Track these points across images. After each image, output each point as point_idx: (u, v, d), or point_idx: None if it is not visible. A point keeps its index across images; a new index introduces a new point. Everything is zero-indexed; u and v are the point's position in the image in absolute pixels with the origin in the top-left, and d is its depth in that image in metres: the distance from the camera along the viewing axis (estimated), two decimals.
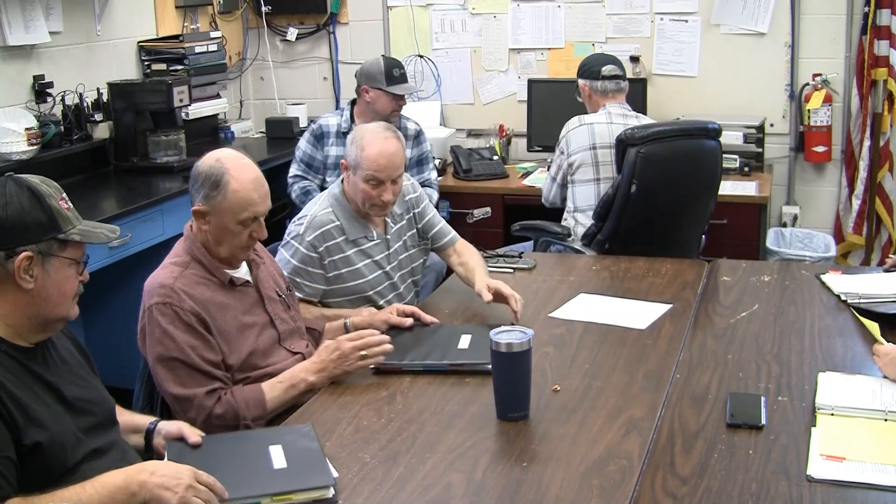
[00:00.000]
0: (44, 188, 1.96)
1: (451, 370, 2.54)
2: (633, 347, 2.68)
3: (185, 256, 2.53)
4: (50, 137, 4.23)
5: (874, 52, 4.72)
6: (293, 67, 5.85)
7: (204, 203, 2.49)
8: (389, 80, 4.29)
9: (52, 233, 1.94)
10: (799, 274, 3.27)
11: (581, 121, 4.01)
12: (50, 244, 1.93)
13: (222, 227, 2.50)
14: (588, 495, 1.93)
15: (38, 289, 1.92)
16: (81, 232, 1.98)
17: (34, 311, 1.94)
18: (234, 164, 2.51)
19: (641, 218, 3.74)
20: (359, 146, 2.99)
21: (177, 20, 5.28)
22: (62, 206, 1.97)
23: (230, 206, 2.48)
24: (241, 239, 2.52)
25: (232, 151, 2.58)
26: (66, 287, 1.98)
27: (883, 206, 4.85)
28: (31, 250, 1.90)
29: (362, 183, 2.98)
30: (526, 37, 5.37)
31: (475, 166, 5.03)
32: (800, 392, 2.34)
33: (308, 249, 3.00)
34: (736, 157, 4.80)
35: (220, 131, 5.45)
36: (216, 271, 2.53)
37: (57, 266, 1.95)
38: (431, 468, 2.06)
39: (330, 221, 3.03)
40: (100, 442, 2.01)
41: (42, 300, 1.94)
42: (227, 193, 2.47)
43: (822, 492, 1.90)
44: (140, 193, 4.19)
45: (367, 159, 2.96)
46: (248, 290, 2.60)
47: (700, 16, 5.05)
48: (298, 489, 1.92)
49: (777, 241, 4.81)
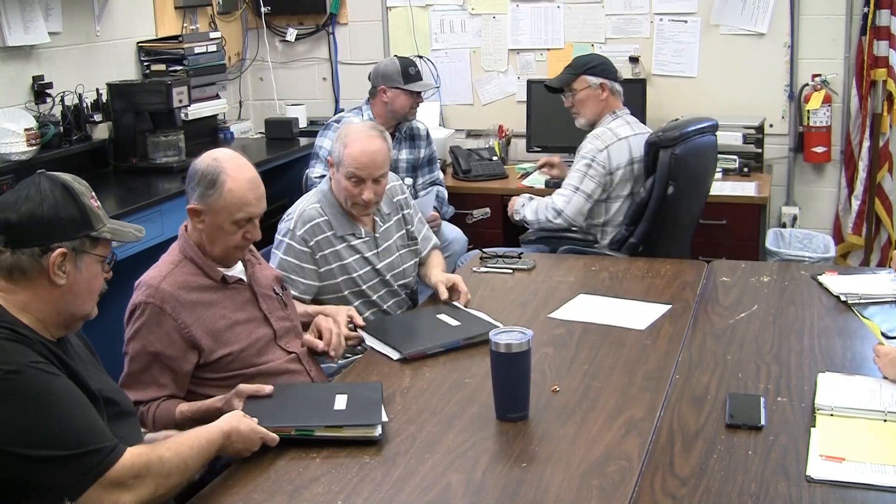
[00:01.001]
0: (77, 186, 1.98)
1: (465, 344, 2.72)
2: (632, 348, 2.68)
3: (177, 255, 2.55)
4: (49, 138, 4.22)
5: (874, 52, 4.72)
6: (292, 68, 5.85)
7: (199, 201, 2.50)
8: (406, 78, 4.32)
9: (86, 230, 1.96)
10: (798, 274, 3.27)
11: (616, 135, 3.87)
12: (83, 241, 1.96)
13: (217, 226, 2.51)
14: (587, 496, 1.93)
15: (69, 285, 1.95)
16: (112, 230, 2.02)
17: (63, 306, 1.96)
18: (231, 164, 2.52)
19: (674, 218, 3.80)
20: (342, 143, 3.03)
21: (176, 21, 5.28)
22: (93, 203, 1.99)
23: (225, 206, 2.49)
24: (235, 239, 2.53)
25: (229, 151, 2.60)
26: (94, 284, 2.01)
27: (882, 207, 4.85)
28: (66, 247, 1.93)
29: (344, 180, 3.01)
30: (525, 37, 5.37)
31: (474, 167, 5.03)
32: (799, 392, 2.34)
33: (300, 244, 3.02)
34: (735, 157, 4.80)
35: (220, 132, 5.44)
36: (208, 269, 2.54)
37: (88, 263, 1.98)
38: (431, 468, 2.06)
39: (319, 215, 3.06)
40: (123, 431, 2.01)
41: (72, 296, 1.96)
42: (223, 193, 2.48)
43: (822, 492, 1.90)
44: (139, 194, 4.18)
45: (350, 157, 2.99)
46: (241, 287, 2.61)
47: (699, 16, 5.05)
48: (349, 424, 2.18)
49: (776, 241, 4.80)
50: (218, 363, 2.50)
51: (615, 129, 3.89)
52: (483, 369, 2.43)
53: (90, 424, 1.85)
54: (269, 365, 2.57)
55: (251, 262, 2.68)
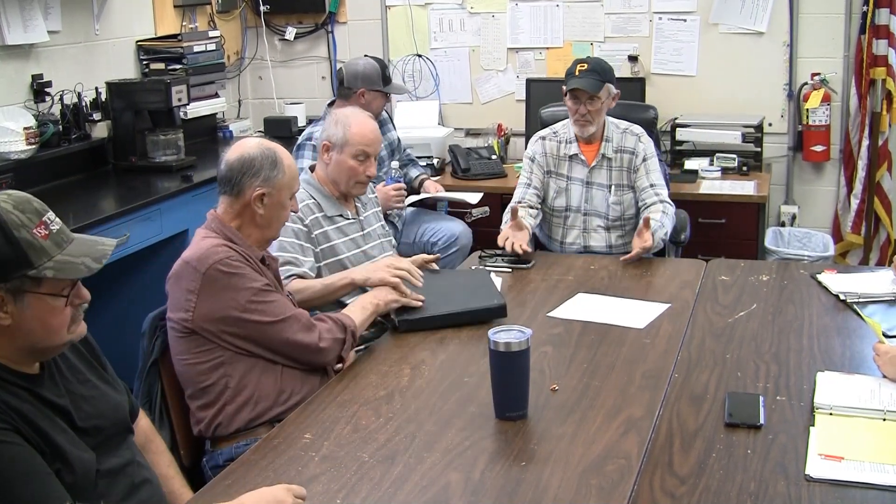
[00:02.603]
0: (13, 217, 1.77)
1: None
2: (631, 347, 2.68)
3: (215, 237, 2.58)
4: (48, 137, 4.22)
5: (873, 51, 4.72)
6: (291, 67, 5.85)
7: (264, 184, 2.60)
8: (385, 81, 4.34)
9: (22, 269, 1.76)
10: (797, 273, 3.26)
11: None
12: (21, 281, 1.77)
13: (280, 203, 2.64)
14: (586, 495, 1.93)
15: (17, 324, 1.79)
16: (57, 266, 1.79)
17: (21, 343, 1.81)
18: (282, 150, 2.70)
19: None
20: (345, 125, 3.19)
21: (175, 19, 5.28)
22: (37, 234, 1.78)
23: (287, 182, 2.65)
24: (286, 215, 2.71)
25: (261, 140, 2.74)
26: (51, 320, 1.82)
27: (882, 206, 4.85)
28: (1, 289, 1.75)
29: (350, 160, 3.16)
30: (524, 36, 5.38)
31: (473, 165, 5.04)
32: (798, 391, 2.34)
33: (296, 222, 3.07)
34: (734, 156, 4.80)
35: (219, 130, 5.45)
36: (248, 250, 2.60)
37: (34, 301, 1.79)
38: (430, 468, 2.06)
39: (308, 197, 3.14)
40: (111, 463, 1.95)
41: (24, 334, 1.80)
42: (285, 169, 2.64)
43: (821, 491, 1.90)
44: (139, 193, 4.19)
45: (358, 135, 3.18)
46: (268, 271, 2.68)
47: (699, 15, 5.05)
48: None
49: (775, 240, 4.81)
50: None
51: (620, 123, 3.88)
52: (482, 368, 2.43)
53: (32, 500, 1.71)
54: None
55: (271, 260, 2.74)
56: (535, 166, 3.83)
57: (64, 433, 1.84)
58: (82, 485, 1.83)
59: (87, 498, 1.84)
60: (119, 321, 4.05)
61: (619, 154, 3.77)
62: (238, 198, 2.60)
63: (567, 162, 3.80)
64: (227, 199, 2.62)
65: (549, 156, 3.82)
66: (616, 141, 3.79)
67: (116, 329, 4.09)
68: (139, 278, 4.21)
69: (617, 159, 3.77)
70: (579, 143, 3.79)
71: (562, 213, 3.83)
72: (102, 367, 2.09)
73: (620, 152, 3.77)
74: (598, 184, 3.77)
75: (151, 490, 2.06)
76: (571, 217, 3.81)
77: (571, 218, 3.81)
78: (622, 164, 3.77)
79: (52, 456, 1.79)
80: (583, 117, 3.72)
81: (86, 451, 1.87)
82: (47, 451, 1.78)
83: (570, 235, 3.82)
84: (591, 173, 3.78)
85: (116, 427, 2.02)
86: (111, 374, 2.10)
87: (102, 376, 2.06)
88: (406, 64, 5.60)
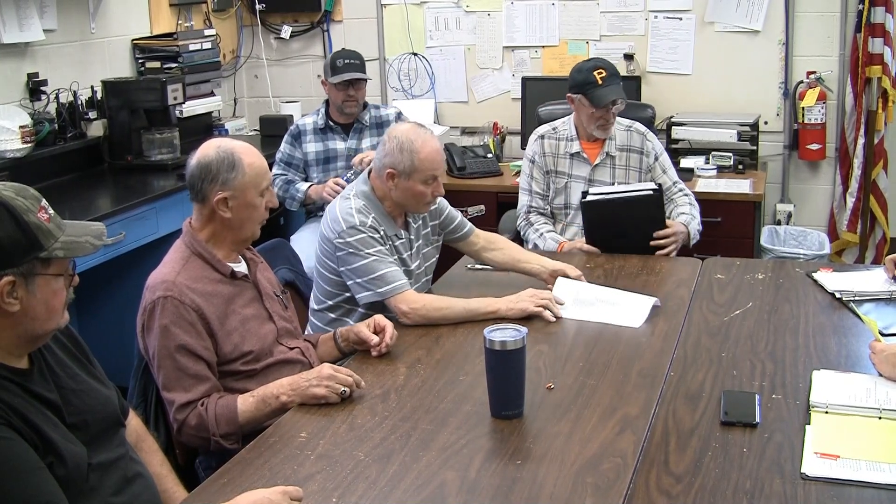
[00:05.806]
0: (19, 202, 1.81)
1: None
2: (627, 345, 2.68)
3: (184, 251, 2.55)
4: (44, 135, 4.22)
5: (868, 49, 4.73)
6: (287, 65, 5.85)
7: (224, 188, 2.53)
8: (334, 70, 4.36)
9: (34, 252, 1.81)
10: (793, 272, 3.27)
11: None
12: (32, 264, 1.81)
13: (246, 204, 2.55)
14: (582, 493, 1.93)
15: (24, 309, 1.82)
16: (65, 245, 1.86)
17: (22, 330, 1.85)
18: (243, 148, 2.61)
19: None
20: (410, 151, 2.94)
21: (171, 18, 5.28)
22: (41, 218, 1.83)
23: (250, 181, 2.55)
24: (260, 213, 2.60)
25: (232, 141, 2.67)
26: (54, 302, 1.87)
27: (877, 204, 4.86)
28: (13, 273, 1.79)
29: (420, 186, 2.97)
30: (520, 34, 5.37)
31: (469, 164, 5.04)
32: (794, 390, 2.34)
33: (372, 233, 2.95)
34: (730, 154, 4.80)
35: (215, 129, 5.44)
36: (217, 264, 2.55)
37: (42, 284, 1.84)
38: (425, 466, 2.06)
39: (370, 214, 2.98)
40: (103, 457, 1.95)
41: (30, 319, 1.84)
42: (244, 168, 2.54)
43: (817, 490, 1.90)
44: (134, 191, 4.18)
45: (427, 160, 2.96)
46: (247, 284, 2.62)
47: (694, 13, 5.06)
48: None
49: (771, 238, 4.81)
50: (236, 361, 2.50)
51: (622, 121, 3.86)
52: (478, 367, 2.44)
53: (20, 498, 1.72)
54: (276, 357, 2.59)
55: (253, 260, 2.69)
56: (535, 168, 3.83)
57: (56, 427, 1.85)
58: (74, 478, 1.84)
59: (79, 491, 1.85)
60: (115, 320, 4.05)
61: (625, 153, 3.77)
62: (204, 204, 2.55)
63: (568, 160, 3.81)
64: (196, 205, 2.57)
65: (548, 155, 3.82)
66: (620, 139, 3.79)
67: (112, 328, 4.10)
68: (135, 277, 4.19)
69: (621, 157, 3.78)
70: (581, 141, 3.80)
71: (561, 210, 3.84)
72: (90, 362, 2.09)
73: (626, 151, 3.77)
74: (600, 182, 3.77)
75: (144, 484, 2.07)
76: (571, 215, 3.81)
77: (571, 216, 3.81)
78: (627, 162, 3.77)
79: (44, 450, 1.80)
80: (608, 122, 3.72)
81: (77, 445, 1.88)
82: (39, 444, 1.79)
83: (568, 233, 3.82)
84: (593, 171, 3.78)
85: (107, 421, 2.02)
86: (99, 370, 2.11)
87: (91, 372, 2.07)
88: (402, 62, 5.60)
